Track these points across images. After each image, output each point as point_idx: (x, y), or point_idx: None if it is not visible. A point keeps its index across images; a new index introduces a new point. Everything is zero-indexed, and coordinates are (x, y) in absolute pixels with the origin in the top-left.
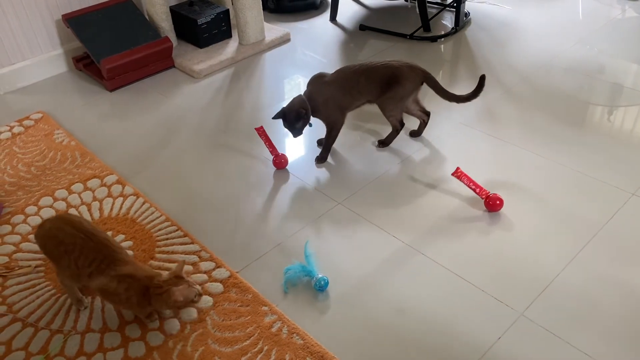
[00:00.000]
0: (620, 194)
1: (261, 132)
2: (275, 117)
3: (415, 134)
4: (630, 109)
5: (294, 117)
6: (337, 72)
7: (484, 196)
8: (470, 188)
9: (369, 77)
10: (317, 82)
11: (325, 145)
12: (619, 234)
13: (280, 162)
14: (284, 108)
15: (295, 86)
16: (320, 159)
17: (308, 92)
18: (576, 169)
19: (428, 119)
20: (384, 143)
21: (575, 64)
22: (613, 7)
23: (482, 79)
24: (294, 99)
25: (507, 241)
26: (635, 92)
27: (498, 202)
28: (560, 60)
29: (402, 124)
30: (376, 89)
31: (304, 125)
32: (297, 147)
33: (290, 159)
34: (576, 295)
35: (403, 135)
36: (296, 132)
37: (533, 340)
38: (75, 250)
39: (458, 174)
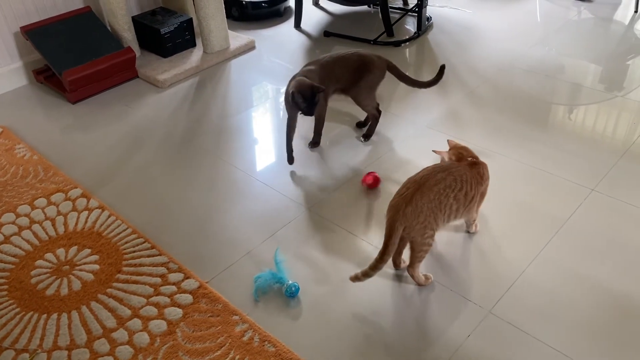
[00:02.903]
0: (580, 190)
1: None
2: (292, 100)
3: (362, 124)
4: (590, 107)
5: (310, 94)
6: (315, 62)
7: None
8: None
9: (343, 65)
10: (306, 70)
11: (318, 130)
12: (580, 229)
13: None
14: (293, 89)
15: (264, 93)
16: (315, 144)
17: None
18: (538, 167)
19: (379, 115)
20: (367, 136)
21: (536, 64)
22: (569, 9)
23: (442, 68)
24: (297, 80)
25: (473, 240)
26: (594, 91)
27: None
28: (521, 61)
29: (379, 112)
30: (349, 77)
31: (318, 100)
32: (265, 154)
33: (258, 167)
34: (542, 291)
35: (369, 142)
36: (312, 108)
37: (501, 336)
38: None
39: None
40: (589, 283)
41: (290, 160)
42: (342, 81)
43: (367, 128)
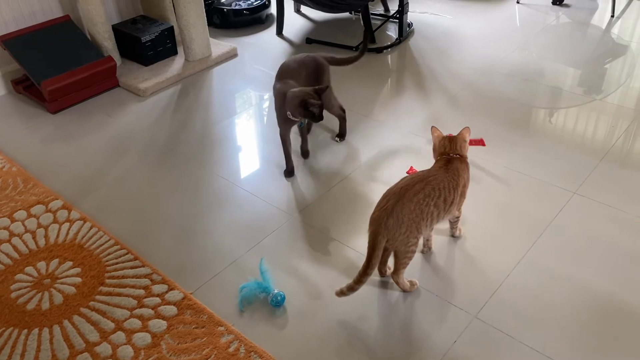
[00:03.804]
0: (563, 194)
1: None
2: (305, 110)
3: (340, 135)
4: (570, 110)
5: (318, 98)
6: (284, 73)
7: None
8: None
9: (306, 69)
10: (287, 84)
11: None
12: (563, 232)
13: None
14: (302, 99)
15: (247, 100)
16: (342, 136)
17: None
18: (520, 171)
19: (345, 113)
20: (341, 135)
21: (516, 69)
22: (548, 14)
23: (365, 33)
24: (296, 92)
25: (457, 244)
26: (573, 95)
27: None
28: (502, 66)
29: (343, 110)
30: (313, 80)
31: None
32: (249, 162)
33: (242, 175)
34: (527, 294)
35: (350, 151)
36: (322, 112)
37: (488, 342)
38: None
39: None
40: (573, 285)
41: (292, 174)
42: (307, 85)
43: (339, 128)
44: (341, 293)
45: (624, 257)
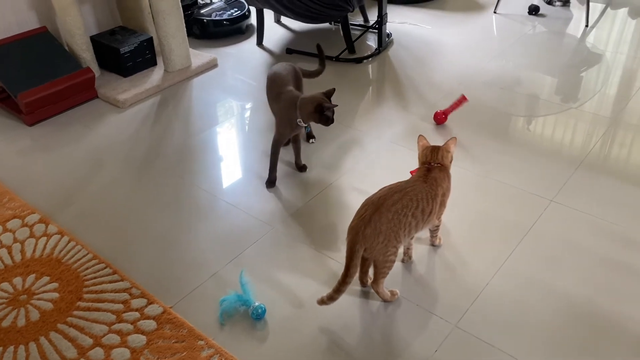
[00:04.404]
0: (540, 201)
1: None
2: (322, 115)
3: (313, 136)
4: (547, 119)
5: (330, 100)
6: (279, 81)
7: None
8: None
9: (291, 75)
10: (293, 90)
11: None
12: (541, 240)
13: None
14: (318, 104)
15: (227, 110)
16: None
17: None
18: (498, 179)
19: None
20: (310, 135)
21: (494, 78)
22: (524, 24)
23: (318, 47)
24: (308, 98)
25: (437, 253)
26: (550, 103)
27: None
28: (480, 75)
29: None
30: (295, 87)
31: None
32: (229, 173)
33: (222, 186)
34: (506, 302)
35: (330, 161)
36: (333, 119)
37: (468, 350)
38: None
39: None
40: (551, 292)
41: (274, 184)
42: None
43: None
44: (322, 302)
45: (601, 264)
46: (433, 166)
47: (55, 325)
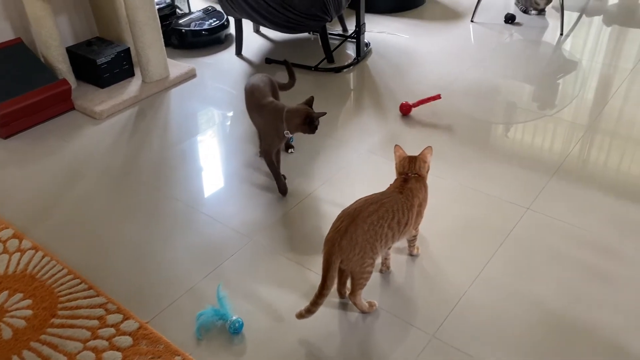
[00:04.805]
0: (516, 210)
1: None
2: (311, 125)
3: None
4: (524, 125)
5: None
6: (259, 92)
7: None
8: None
9: (269, 86)
10: (273, 101)
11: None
12: (518, 248)
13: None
14: (307, 115)
15: (206, 121)
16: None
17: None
18: (475, 188)
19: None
20: (289, 145)
21: (472, 86)
22: (501, 33)
23: (286, 63)
24: (294, 109)
25: (414, 263)
26: (528, 111)
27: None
28: (458, 83)
29: None
30: (273, 97)
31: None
32: (206, 185)
33: (199, 198)
34: (483, 311)
35: (309, 171)
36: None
37: None
38: None
39: None
40: (527, 301)
41: (285, 190)
42: None
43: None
44: (300, 316)
45: (577, 272)
46: (410, 176)
47: (28, 344)
